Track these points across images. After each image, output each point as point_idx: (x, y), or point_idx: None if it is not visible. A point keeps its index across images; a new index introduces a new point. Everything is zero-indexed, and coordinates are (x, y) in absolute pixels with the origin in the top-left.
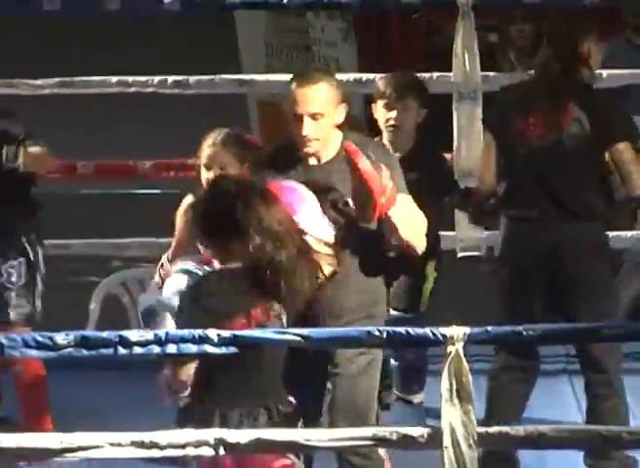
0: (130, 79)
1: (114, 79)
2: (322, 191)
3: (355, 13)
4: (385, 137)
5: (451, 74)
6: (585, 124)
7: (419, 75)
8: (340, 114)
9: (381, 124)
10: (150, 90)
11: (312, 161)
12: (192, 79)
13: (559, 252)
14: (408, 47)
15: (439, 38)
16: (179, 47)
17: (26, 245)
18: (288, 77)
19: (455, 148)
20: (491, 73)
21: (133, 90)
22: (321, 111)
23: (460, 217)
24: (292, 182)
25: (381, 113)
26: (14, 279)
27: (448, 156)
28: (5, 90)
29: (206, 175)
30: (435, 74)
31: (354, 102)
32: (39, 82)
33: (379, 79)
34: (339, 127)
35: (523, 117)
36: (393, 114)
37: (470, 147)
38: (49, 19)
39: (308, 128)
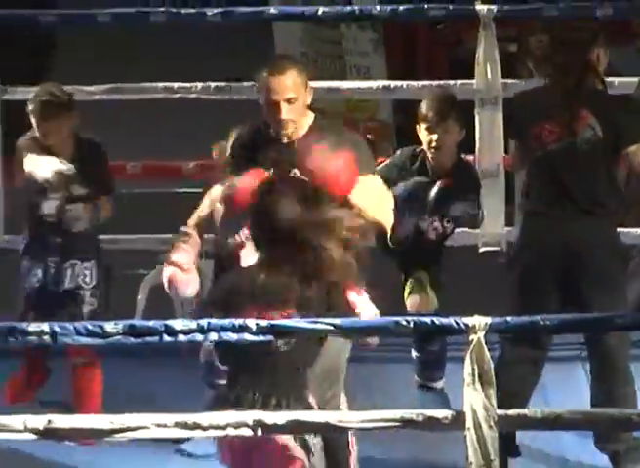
0: (175, 85)
1: (160, 85)
2: (285, 166)
3: (384, 24)
4: (429, 156)
5: (473, 81)
6: (598, 130)
7: (443, 83)
8: (309, 95)
9: (425, 145)
10: (194, 95)
11: (285, 139)
12: (233, 85)
13: (571, 246)
14: (433, 56)
15: (462, 48)
16: (221, 55)
17: (99, 247)
18: (322, 84)
19: (477, 151)
20: (510, 80)
21: (177, 95)
22: (294, 95)
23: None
24: None
25: (424, 135)
26: (87, 279)
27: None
28: None
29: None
30: (458, 82)
31: (383, 108)
32: (92, 88)
33: (423, 104)
34: (309, 107)
35: (539, 122)
36: (435, 137)
37: (491, 150)
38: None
39: (286, 112)
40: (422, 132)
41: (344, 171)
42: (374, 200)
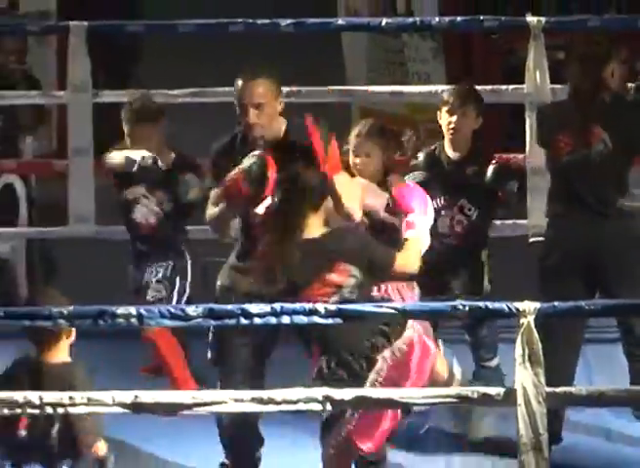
0: (224, 89)
1: (226, 88)
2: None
3: (443, 34)
4: (446, 139)
5: (524, 86)
6: (609, 143)
7: (496, 87)
8: (279, 104)
9: (444, 127)
10: None
11: (260, 142)
12: (305, 89)
13: (590, 245)
14: (488, 63)
15: (514, 56)
16: (293, 62)
17: (182, 252)
18: (385, 88)
19: (527, 150)
20: (558, 86)
21: None
22: (263, 101)
23: (533, 207)
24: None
25: (445, 118)
26: (160, 275)
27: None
28: None
29: (354, 160)
30: (510, 87)
31: None
32: (175, 92)
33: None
34: (281, 114)
35: (557, 133)
36: (454, 119)
37: (539, 149)
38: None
39: (253, 116)
40: (443, 115)
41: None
42: (349, 190)
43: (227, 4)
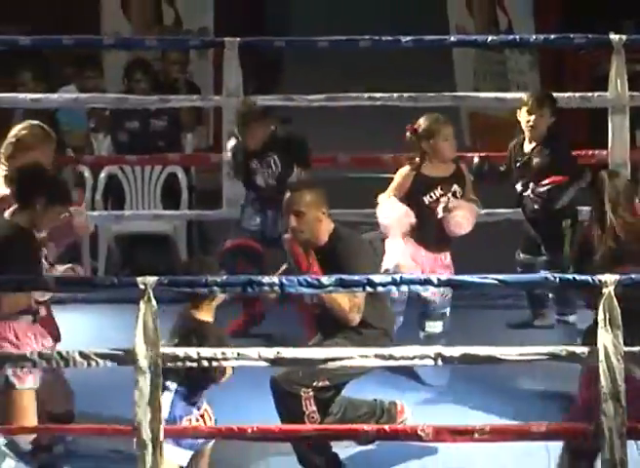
0: (378, 95)
1: (366, 95)
2: None
3: (539, 49)
4: (525, 133)
5: (607, 93)
6: None
7: (584, 94)
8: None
9: (523, 124)
10: (391, 103)
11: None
12: (421, 95)
13: None
14: (577, 74)
15: (600, 68)
16: (409, 72)
17: None
18: (489, 95)
19: (609, 147)
20: (636, 93)
21: (379, 103)
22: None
23: None
24: None
25: (524, 117)
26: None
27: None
28: (286, 102)
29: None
30: (596, 94)
31: None
32: (312, 97)
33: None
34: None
35: None
36: (532, 118)
37: (620, 147)
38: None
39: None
40: (523, 114)
41: None
42: None
43: (357, 24)
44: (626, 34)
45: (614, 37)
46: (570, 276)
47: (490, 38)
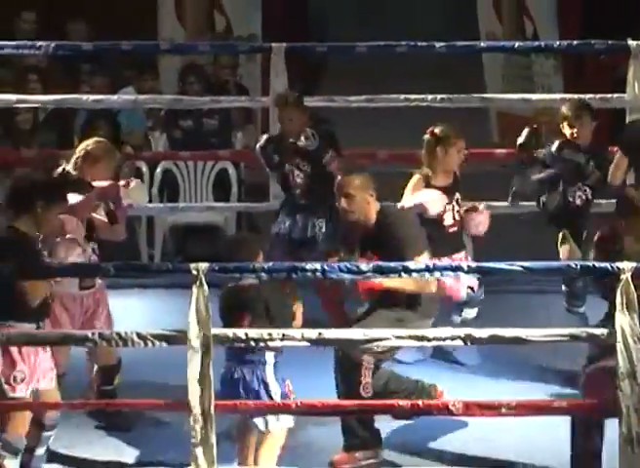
0: (412, 97)
1: (402, 96)
2: None
3: (562, 54)
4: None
5: (625, 95)
6: None
7: (604, 96)
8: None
9: (567, 135)
10: (425, 104)
11: None
12: (454, 97)
13: None
14: (597, 77)
15: (619, 71)
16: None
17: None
18: (517, 96)
19: None
20: None
21: (414, 104)
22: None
23: None
24: None
25: (567, 129)
26: (323, 229)
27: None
28: (328, 103)
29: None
30: (615, 95)
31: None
32: (352, 98)
33: (564, 106)
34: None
35: None
36: (574, 130)
37: None
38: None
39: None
40: (565, 127)
41: None
42: None
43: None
44: None
45: (631, 43)
46: (590, 263)
47: (517, 44)
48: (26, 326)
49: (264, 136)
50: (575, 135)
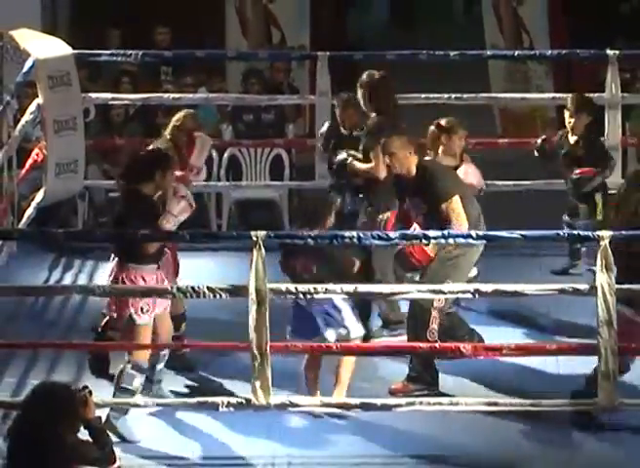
0: (431, 95)
1: (422, 95)
2: None
3: (553, 61)
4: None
5: (604, 94)
6: None
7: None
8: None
9: (567, 125)
10: (442, 101)
11: None
12: (464, 95)
13: None
14: (582, 79)
15: (599, 75)
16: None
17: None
18: (517, 95)
19: (606, 134)
20: (627, 94)
21: (432, 101)
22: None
23: None
24: None
25: (567, 117)
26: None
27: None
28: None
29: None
30: (596, 94)
31: (551, 110)
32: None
33: (569, 99)
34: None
35: None
36: (573, 120)
37: (614, 135)
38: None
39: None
40: (567, 117)
41: None
42: None
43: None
44: (619, 49)
45: (609, 52)
46: (575, 232)
47: (516, 52)
48: (147, 267)
49: (326, 124)
50: (571, 124)
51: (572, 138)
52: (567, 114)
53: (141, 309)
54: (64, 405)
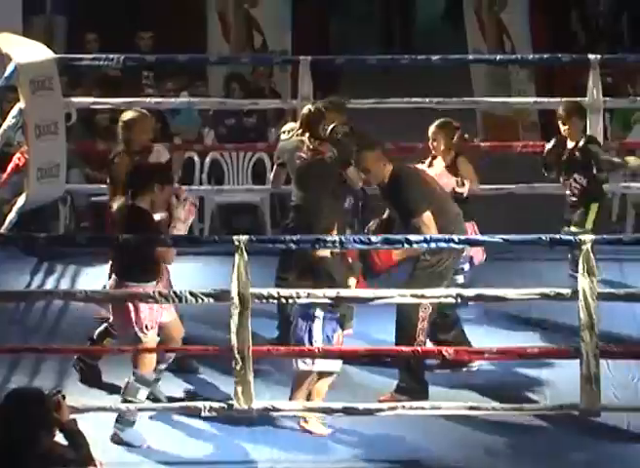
0: (413, 99)
1: (405, 99)
2: None
3: (535, 65)
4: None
5: (586, 98)
6: None
7: (568, 99)
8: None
9: (563, 133)
10: (424, 105)
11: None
12: (447, 100)
13: None
14: (563, 83)
15: (581, 79)
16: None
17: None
18: (499, 99)
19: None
20: (608, 98)
21: (415, 105)
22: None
23: None
24: None
25: (560, 126)
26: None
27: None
28: None
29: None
30: (578, 99)
31: (533, 113)
32: (364, 101)
33: (560, 107)
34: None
35: None
36: (565, 127)
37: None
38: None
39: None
40: (560, 125)
41: None
42: None
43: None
44: (600, 54)
45: (591, 56)
46: (558, 236)
47: (498, 57)
48: (147, 285)
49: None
50: (566, 132)
51: (570, 144)
52: (560, 123)
53: (146, 327)
54: (37, 409)
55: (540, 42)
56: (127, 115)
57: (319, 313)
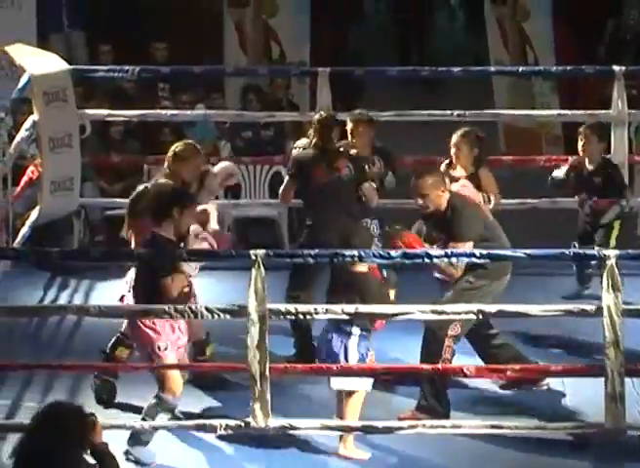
0: (434, 112)
1: (426, 112)
2: None
3: (558, 77)
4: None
5: (610, 111)
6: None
7: (592, 112)
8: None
9: (581, 153)
10: (445, 118)
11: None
12: (468, 112)
13: None
14: (587, 96)
15: (605, 91)
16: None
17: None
18: (522, 112)
19: (612, 151)
20: (634, 111)
21: (437, 118)
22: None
23: None
24: None
25: (580, 145)
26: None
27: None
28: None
29: None
30: (602, 111)
31: (557, 126)
32: (385, 113)
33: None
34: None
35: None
36: (586, 148)
37: (621, 152)
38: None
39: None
40: (579, 143)
41: None
42: None
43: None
44: (625, 65)
45: (616, 68)
46: (581, 251)
47: (521, 68)
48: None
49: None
50: (586, 153)
51: (589, 166)
52: (580, 144)
53: (158, 348)
54: (75, 424)
55: (565, 53)
56: (181, 147)
57: (355, 330)
